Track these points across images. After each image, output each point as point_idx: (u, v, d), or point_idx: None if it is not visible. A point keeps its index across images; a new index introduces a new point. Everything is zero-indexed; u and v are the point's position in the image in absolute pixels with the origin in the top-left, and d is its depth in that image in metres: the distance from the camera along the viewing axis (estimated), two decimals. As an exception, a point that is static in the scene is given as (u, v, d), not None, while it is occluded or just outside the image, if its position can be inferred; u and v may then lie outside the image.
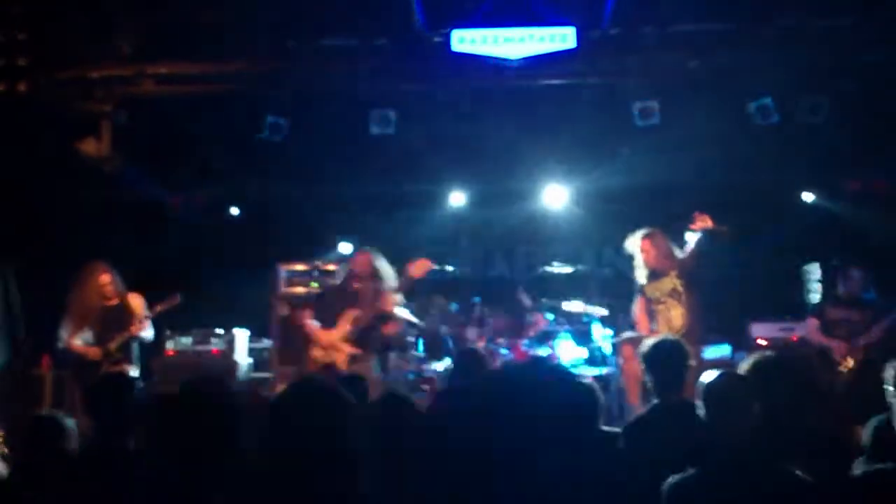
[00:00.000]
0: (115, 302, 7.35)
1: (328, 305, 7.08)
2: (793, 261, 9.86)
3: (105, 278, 7.35)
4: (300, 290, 9.43)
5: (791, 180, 9.95)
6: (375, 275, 7.05)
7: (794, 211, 10.08)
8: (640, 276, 7.43)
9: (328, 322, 6.95)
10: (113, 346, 7.12)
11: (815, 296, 9.39)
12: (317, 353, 6.91)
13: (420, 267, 6.96)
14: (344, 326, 6.88)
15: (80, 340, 7.21)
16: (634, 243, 7.45)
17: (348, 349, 6.85)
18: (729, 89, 8.08)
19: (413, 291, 7.30)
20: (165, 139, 8.66)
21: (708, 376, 3.29)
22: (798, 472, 2.88)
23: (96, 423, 3.80)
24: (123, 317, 7.29)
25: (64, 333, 7.23)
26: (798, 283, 9.81)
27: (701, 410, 3.21)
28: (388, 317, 7.01)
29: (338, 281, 7.50)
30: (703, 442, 3.12)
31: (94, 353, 7.11)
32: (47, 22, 7.42)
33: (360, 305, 6.93)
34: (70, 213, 9.12)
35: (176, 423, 3.07)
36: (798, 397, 3.53)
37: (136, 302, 7.39)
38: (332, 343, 6.85)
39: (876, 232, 8.16)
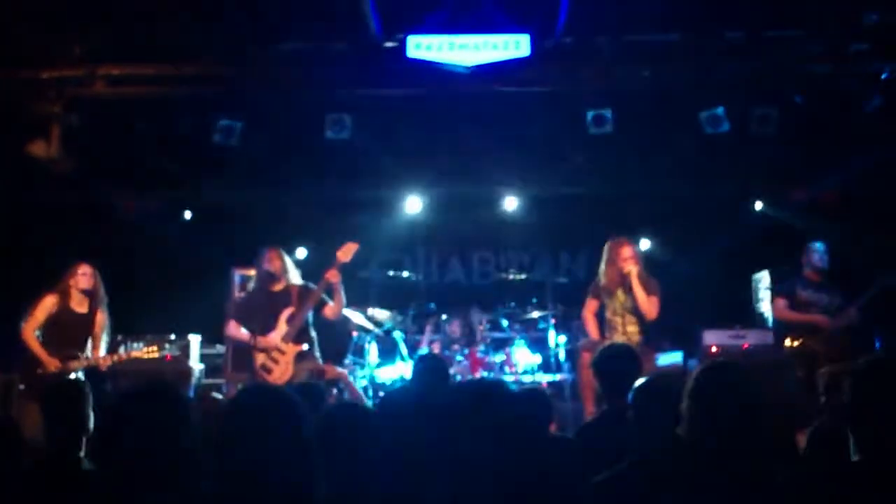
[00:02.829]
0: (85, 310, 7.10)
1: (256, 311, 7.00)
2: (742, 269, 10.00)
3: (85, 270, 7.09)
4: (240, 297, 9.34)
5: (741, 190, 10.10)
6: (287, 271, 7.03)
7: (744, 220, 10.24)
8: (607, 281, 7.28)
9: (261, 326, 6.89)
10: (73, 367, 6.84)
11: (765, 303, 9.52)
12: (259, 358, 6.84)
13: (347, 250, 6.93)
14: (282, 328, 6.83)
15: (35, 338, 6.89)
16: (621, 250, 7.21)
17: (292, 349, 6.81)
18: (681, 99, 8.19)
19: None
20: (117, 142, 8.55)
21: (638, 381, 3.37)
22: (732, 468, 2.94)
23: (50, 431, 3.75)
24: (88, 334, 7.06)
25: (26, 321, 6.91)
26: (748, 292, 9.95)
27: (631, 412, 3.29)
28: (324, 301, 6.96)
29: (253, 285, 7.39)
30: (632, 441, 3.19)
31: (53, 365, 6.80)
32: (-4, 21, 7.28)
33: (292, 303, 6.89)
34: (19, 216, 8.97)
35: (127, 430, 3.03)
36: (744, 403, 3.58)
37: (101, 321, 7.15)
38: (274, 346, 6.79)
39: (823, 241, 8.29)
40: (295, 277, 7.04)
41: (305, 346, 6.84)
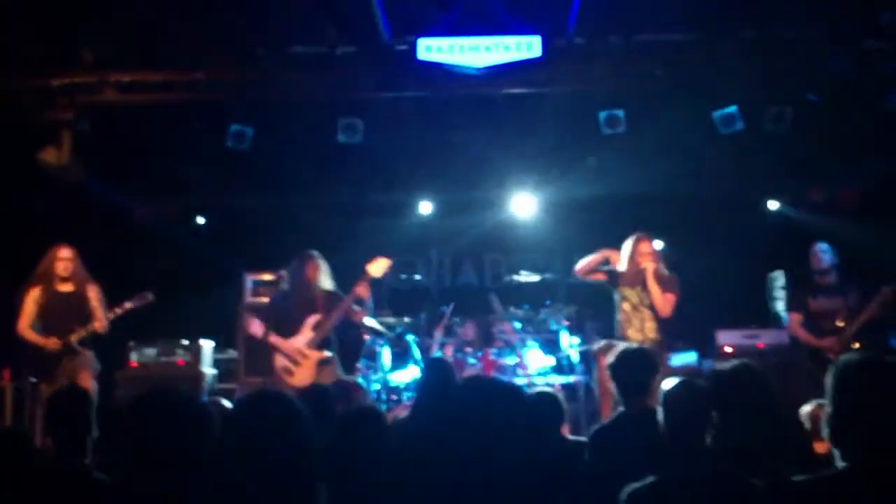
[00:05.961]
0: (72, 288, 7.08)
1: (284, 314, 6.99)
2: (758, 269, 9.91)
3: (63, 253, 7.06)
4: (266, 299, 9.33)
5: (756, 189, 10.02)
6: (322, 280, 7.03)
7: (759, 219, 10.15)
8: (626, 275, 7.22)
9: (286, 330, 6.88)
10: (74, 338, 6.86)
11: (780, 303, 9.43)
12: (279, 362, 6.83)
13: (379, 266, 6.91)
14: (307, 333, 6.82)
15: (30, 329, 6.92)
16: (640, 245, 7.17)
17: (315, 355, 6.80)
18: (694, 98, 8.13)
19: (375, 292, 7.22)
20: (129, 148, 8.56)
21: (667, 384, 3.30)
22: (753, 480, 2.89)
23: (55, 439, 3.74)
24: (82, 307, 7.03)
25: (18, 320, 6.94)
26: (763, 291, 9.86)
27: (661, 417, 3.23)
28: (353, 309, 6.97)
29: (286, 288, 7.38)
30: (662, 449, 3.12)
31: (54, 343, 6.82)
32: (8, 28, 7.29)
33: (320, 311, 6.88)
34: (32, 223, 8.97)
35: (138, 436, 2.99)
36: (761, 406, 3.53)
37: (94, 294, 7.11)
38: (297, 351, 6.79)
39: (840, 241, 8.23)
40: (326, 284, 7.03)
41: (329, 353, 6.84)
